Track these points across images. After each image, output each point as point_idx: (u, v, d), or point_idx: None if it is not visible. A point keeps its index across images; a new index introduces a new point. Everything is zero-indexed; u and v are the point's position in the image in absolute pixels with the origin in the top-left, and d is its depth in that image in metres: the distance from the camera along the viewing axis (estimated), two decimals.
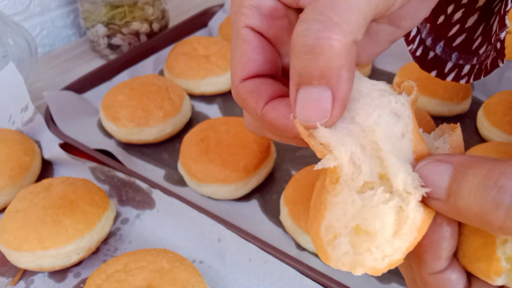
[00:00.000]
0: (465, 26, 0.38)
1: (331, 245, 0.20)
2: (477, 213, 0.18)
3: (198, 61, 0.70)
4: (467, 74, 0.40)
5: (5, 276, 0.46)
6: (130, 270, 0.41)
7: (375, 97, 0.22)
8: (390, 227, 0.20)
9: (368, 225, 0.20)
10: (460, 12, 0.38)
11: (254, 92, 0.24)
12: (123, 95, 0.62)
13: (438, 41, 0.40)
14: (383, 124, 0.22)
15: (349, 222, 0.20)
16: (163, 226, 0.50)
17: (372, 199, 0.20)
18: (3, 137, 0.55)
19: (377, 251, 0.20)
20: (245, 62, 0.25)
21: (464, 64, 0.40)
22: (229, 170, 0.53)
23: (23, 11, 0.79)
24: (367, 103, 0.22)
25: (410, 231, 0.20)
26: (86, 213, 0.46)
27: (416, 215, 0.20)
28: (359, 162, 0.21)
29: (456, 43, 0.39)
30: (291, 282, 0.43)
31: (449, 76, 0.41)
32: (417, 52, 0.41)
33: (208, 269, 0.46)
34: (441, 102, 0.64)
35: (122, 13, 0.76)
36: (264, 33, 0.25)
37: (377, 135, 0.21)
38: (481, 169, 0.18)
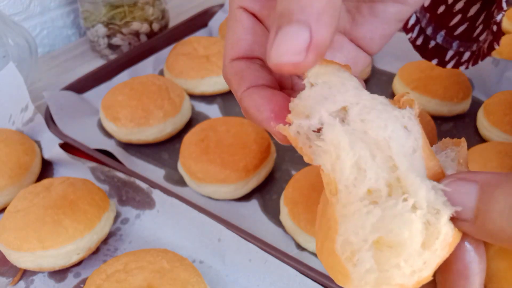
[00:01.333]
0: (467, 16, 0.38)
1: (351, 262, 0.18)
2: (510, 235, 0.18)
3: (198, 61, 0.70)
4: (467, 61, 0.40)
5: (5, 276, 0.46)
6: (130, 270, 0.41)
7: (382, 111, 0.21)
8: (420, 237, 0.18)
9: (394, 235, 0.18)
10: (462, 3, 0.38)
11: (238, 74, 0.24)
12: (123, 95, 0.62)
13: (439, 30, 0.40)
14: (397, 139, 0.20)
15: (369, 235, 0.18)
16: (163, 226, 0.50)
17: (394, 208, 0.18)
18: (3, 137, 0.55)
19: (406, 266, 0.18)
20: (235, 42, 0.25)
21: (465, 51, 0.40)
22: (229, 170, 0.53)
23: (23, 11, 0.79)
24: (377, 117, 0.21)
25: (441, 247, 0.18)
26: (86, 213, 0.46)
27: (448, 231, 0.19)
28: (365, 166, 0.20)
29: (458, 32, 0.39)
30: (291, 282, 0.43)
31: (449, 64, 0.41)
32: (418, 41, 0.41)
33: (208, 269, 0.46)
34: (441, 102, 0.64)
35: (122, 13, 0.76)
36: (257, 13, 0.25)
37: (393, 151, 0.20)
38: (510, 189, 0.18)
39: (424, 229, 0.18)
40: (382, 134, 0.20)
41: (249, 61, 0.25)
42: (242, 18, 0.25)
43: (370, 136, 0.20)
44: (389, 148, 0.20)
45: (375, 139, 0.20)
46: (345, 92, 0.21)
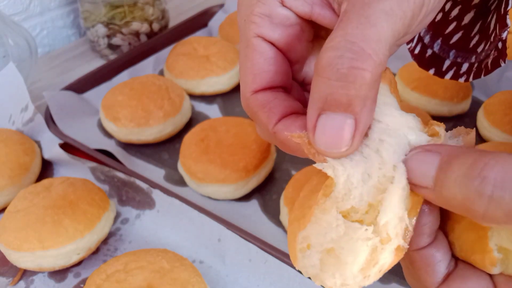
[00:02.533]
0: (462, 24, 0.38)
1: (303, 253, 0.21)
2: (461, 202, 0.19)
3: (198, 61, 0.70)
4: (466, 73, 0.40)
5: (5, 276, 0.46)
6: (130, 270, 0.41)
7: (404, 135, 0.22)
8: (360, 265, 0.21)
9: (342, 254, 0.21)
10: (457, 9, 0.38)
11: (266, 106, 0.24)
12: (123, 95, 0.62)
13: (436, 39, 0.40)
14: (402, 171, 0.22)
15: (326, 244, 0.21)
16: (163, 226, 0.50)
17: (355, 232, 0.21)
18: (3, 137, 0.55)
19: (339, 278, 0.21)
20: (256, 73, 0.24)
21: (462, 62, 0.40)
22: (229, 170, 0.53)
23: (23, 11, 0.79)
24: (397, 142, 0.22)
25: (375, 274, 0.21)
26: (86, 213, 0.46)
27: (386, 262, 0.21)
28: (352, 186, 0.21)
29: (453, 40, 0.39)
30: (291, 282, 0.43)
31: (447, 74, 0.41)
32: (416, 50, 0.41)
33: (208, 269, 0.46)
34: (441, 102, 0.64)
35: (122, 13, 0.76)
36: (276, 42, 0.25)
37: (396, 176, 0.21)
38: (466, 160, 0.19)
39: (369, 255, 0.21)
40: (394, 158, 0.22)
41: (274, 91, 0.25)
42: (261, 48, 0.25)
43: (380, 156, 0.22)
44: (394, 169, 0.21)
45: (383, 159, 0.22)
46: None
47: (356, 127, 0.21)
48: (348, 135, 0.21)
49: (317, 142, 0.21)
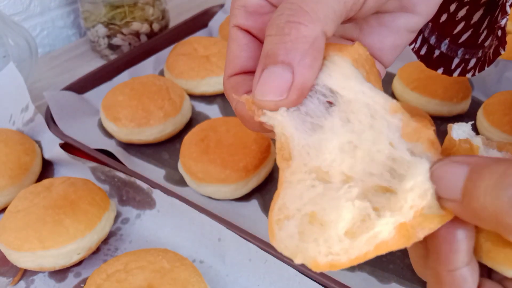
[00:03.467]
0: (471, 22, 0.38)
1: (279, 225, 0.20)
2: (492, 214, 0.18)
3: (198, 61, 0.70)
4: (473, 67, 0.40)
5: (6, 276, 0.46)
6: (131, 270, 0.41)
7: (365, 105, 0.22)
8: (345, 223, 0.19)
9: (324, 215, 0.19)
10: (465, 10, 0.38)
11: (234, 87, 0.26)
12: (124, 95, 0.62)
13: (442, 39, 0.40)
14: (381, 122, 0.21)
15: (304, 206, 0.20)
16: (164, 226, 0.50)
17: (337, 191, 0.20)
18: (4, 137, 0.55)
19: (324, 245, 0.19)
20: (231, 60, 0.26)
21: (470, 58, 0.40)
22: (229, 170, 0.53)
23: (23, 11, 0.79)
24: (363, 112, 0.21)
25: (366, 242, 0.19)
26: (86, 213, 0.46)
27: (382, 231, 0.19)
28: (308, 148, 0.21)
29: (462, 39, 0.39)
30: (291, 282, 0.43)
31: (455, 72, 0.41)
32: (422, 51, 0.41)
33: (208, 269, 0.46)
34: (441, 102, 0.64)
35: (122, 13, 0.76)
36: (251, 30, 0.26)
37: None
38: (497, 169, 0.18)
39: (359, 220, 0.19)
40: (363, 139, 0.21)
41: (245, 75, 0.26)
42: (236, 36, 0.26)
43: (349, 128, 0.21)
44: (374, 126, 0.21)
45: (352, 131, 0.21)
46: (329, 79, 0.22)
47: (293, 80, 0.21)
48: (283, 86, 0.21)
49: (256, 93, 0.22)
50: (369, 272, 0.46)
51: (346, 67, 0.22)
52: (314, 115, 0.22)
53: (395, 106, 0.21)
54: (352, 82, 0.22)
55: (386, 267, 0.46)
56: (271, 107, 0.22)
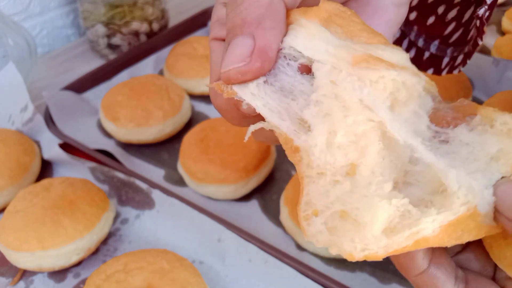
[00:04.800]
0: (462, 21, 0.38)
1: (308, 220, 0.19)
2: None
3: (198, 61, 0.70)
4: (460, 63, 0.40)
5: (5, 276, 0.46)
6: (130, 270, 0.41)
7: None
8: (382, 224, 0.18)
9: (358, 215, 0.18)
10: (455, 11, 0.38)
11: (215, 91, 0.25)
12: (123, 95, 0.62)
13: (431, 41, 0.40)
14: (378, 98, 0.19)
15: (332, 205, 0.19)
16: (163, 227, 0.50)
17: (367, 188, 0.19)
18: (3, 137, 0.55)
19: (359, 243, 0.18)
20: (213, 68, 0.26)
21: (458, 55, 0.40)
22: (229, 170, 0.52)
23: (23, 11, 0.79)
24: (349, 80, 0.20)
25: (406, 237, 0.18)
26: (85, 213, 0.46)
27: (427, 228, 0.18)
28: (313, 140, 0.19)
29: (453, 39, 0.39)
30: (291, 282, 0.43)
31: (444, 71, 0.41)
32: (410, 54, 0.41)
33: (208, 269, 0.46)
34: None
35: (121, 13, 0.76)
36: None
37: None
38: None
39: (398, 216, 0.18)
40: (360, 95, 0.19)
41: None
42: (215, 47, 0.26)
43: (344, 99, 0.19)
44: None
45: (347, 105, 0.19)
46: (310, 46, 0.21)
47: (254, 46, 0.21)
48: (245, 52, 0.21)
49: (221, 69, 0.22)
50: (369, 273, 0.46)
51: (312, 27, 0.21)
52: (294, 89, 0.21)
53: (358, 58, 0.20)
54: (317, 42, 0.21)
55: (387, 268, 0.46)
56: (237, 76, 0.21)
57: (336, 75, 0.19)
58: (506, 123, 0.21)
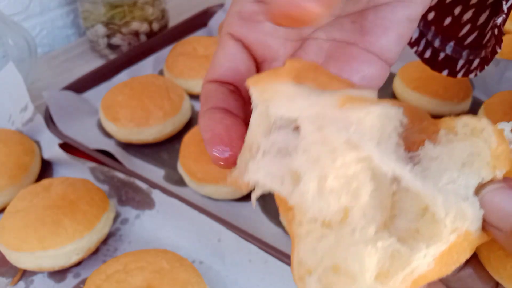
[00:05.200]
0: (477, 24, 0.38)
1: (303, 282, 0.19)
2: None
3: (198, 61, 0.70)
4: (476, 68, 0.40)
5: (5, 276, 0.46)
6: (130, 270, 0.41)
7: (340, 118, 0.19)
8: (372, 270, 0.18)
9: (347, 266, 0.18)
10: (471, 12, 0.38)
11: (205, 95, 0.25)
12: (123, 95, 0.62)
13: (447, 42, 0.40)
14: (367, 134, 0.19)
15: (322, 261, 0.18)
16: (163, 226, 0.50)
17: (351, 236, 0.18)
18: (3, 137, 0.55)
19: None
20: (213, 65, 0.26)
21: (474, 59, 0.40)
22: (229, 170, 0.52)
23: (23, 11, 0.79)
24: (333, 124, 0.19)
25: (402, 280, 0.18)
26: (85, 213, 0.46)
27: (420, 265, 0.18)
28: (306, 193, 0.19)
29: (468, 41, 0.39)
30: (291, 282, 0.42)
31: (459, 73, 0.41)
32: (426, 54, 0.41)
33: (208, 269, 0.46)
34: (442, 102, 0.64)
35: (121, 13, 0.76)
36: (244, 38, 0.26)
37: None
38: None
39: (388, 257, 0.18)
40: (343, 136, 0.19)
41: (219, 84, 0.26)
42: (227, 44, 0.25)
43: (330, 143, 0.19)
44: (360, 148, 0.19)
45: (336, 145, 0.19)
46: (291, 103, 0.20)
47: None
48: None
49: (278, 2, 0.18)
50: None
51: (288, 89, 0.20)
52: (289, 146, 0.20)
53: (343, 99, 0.19)
54: (299, 101, 0.20)
55: None
56: (298, 16, 0.18)
57: (321, 120, 0.19)
58: (466, 125, 0.20)
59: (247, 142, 0.22)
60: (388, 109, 0.19)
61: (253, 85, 0.21)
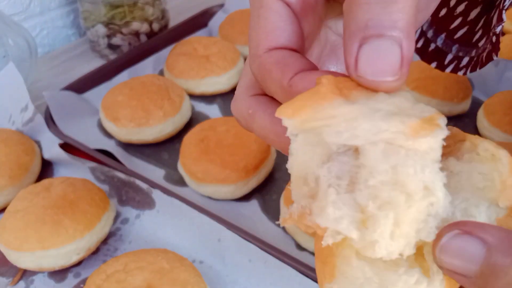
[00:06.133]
0: (468, 19, 0.38)
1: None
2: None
3: (198, 61, 0.70)
4: (465, 66, 0.40)
5: (5, 276, 0.46)
6: (130, 270, 0.41)
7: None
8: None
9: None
10: (463, 5, 0.38)
11: (281, 63, 0.22)
12: (123, 95, 0.62)
13: (439, 33, 0.40)
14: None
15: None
16: (163, 226, 0.50)
17: (394, 284, 0.18)
18: (3, 137, 0.55)
19: None
20: (270, 31, 0.22)
21: (463, 56, 0.40)
22: (229, 170, 0.52)
23: (23, 11, 0.79)
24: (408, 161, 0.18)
25: None
26: (86, 213, 0.46)
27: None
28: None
29: (458, 35, 0.39)
30: (291, 282, 0.43)
31: (448, 68, 0.41)
32: (418, 43, 0.41)
33: (208, 269, 0.46)
34: (441, 102, 0.64)
35: (122, 13, 0.76)
36: (291, 4, 0.23)
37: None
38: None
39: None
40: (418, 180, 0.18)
41: (289, 51, 0.22)
42: (276, 6, 0.22)
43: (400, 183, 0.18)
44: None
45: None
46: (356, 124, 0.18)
47: (402, 57, 0.18)
48: (396, 62, 0.18)
49: (362, 70, 0.19)
50: None
51: (342, 109, 0.18)
52: (352, 176, 0.19)
53: (415, 126, 0.18)
54: (361, 124, 0.18)
55: None
56: (385, 88, 0.19)
57: (394, 155, 0.18)
58: (487, 150, 0.20)
59: (297, 174, 0.19)
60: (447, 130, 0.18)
61: (290, 116, 0.18)
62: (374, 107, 0.18)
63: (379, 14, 0.18)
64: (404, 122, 0.18)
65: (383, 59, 0.18)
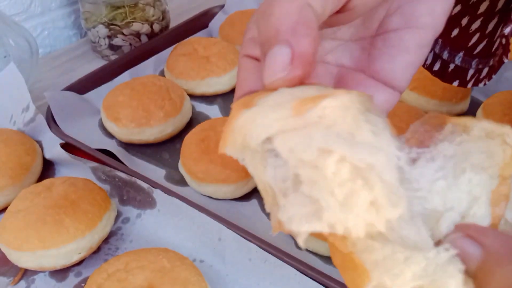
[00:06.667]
0: (486, 32, 0.38)
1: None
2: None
3: (199, 61, 0.70)
4: (485, 77, 0.40)
5: (6, 275, 0.46)
6: (131, 269, 0.41)
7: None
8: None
9: (438, 286, 0.18)
10: (479, 21, 0.38)
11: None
12: (124, 96, 0.62)
13: (456, 53, 0.40)
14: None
15: (408, 282, 0.18)
16: (164, 226, 0.50)
17: (436, 257, 0.19)
18: (4, 137, 0.55)
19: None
20: (240, 84, 0.26)
21: (483, 67, 0.40)
22: (230, 170, 0.53)
23: (24, 11, 0.79)
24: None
25: None
26: (87, 212, 0.46)
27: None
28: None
29: (477, 50, 0.39)
30: (291, 281, 0.43)
31: (469, 83, 0.41)
32: (435, 67, 0.41)
33: (209, 268, 0.46)
34: (440, 103, 0.64)
35: (123, 14, 0.76)
36: (259, 57, 0.26)
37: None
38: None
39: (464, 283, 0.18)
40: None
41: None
42: (245, 63, 0.26)
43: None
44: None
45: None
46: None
47: (293, 54, 0.21)
48: (286, 61, 0.21)
49: (265, 78, 0.22)
50: None
51: (241, 115, 0.21)
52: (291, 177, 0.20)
53: (297, 104, 0.19)
54: (258, 121, 0.20)
55: None
56: (283, 84, 0.22)
57: (287, 138, 0.19)
58: (484, 129, 0.21)
59: (260, 188, 0.21)
60: (343, 97, 0.19)
61: (224, 148, 0.21)
62: (268, 103, 0.20)
63: (266, 29, 0.22)
64: (288, 108, 0.19)
65: (275, 61, 0.21)
